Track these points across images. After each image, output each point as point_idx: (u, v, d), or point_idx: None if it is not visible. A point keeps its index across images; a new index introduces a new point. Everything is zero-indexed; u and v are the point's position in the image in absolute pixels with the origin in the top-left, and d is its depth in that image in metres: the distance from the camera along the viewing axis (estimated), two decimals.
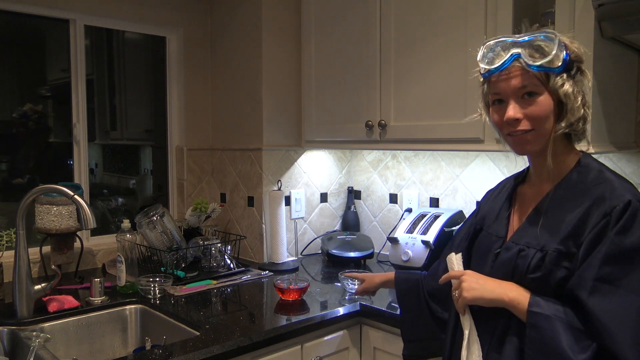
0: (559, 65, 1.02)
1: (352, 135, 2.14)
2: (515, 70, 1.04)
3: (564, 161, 1.09)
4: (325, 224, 2.58)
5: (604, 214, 0.98)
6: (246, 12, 2.35)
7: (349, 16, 2.12)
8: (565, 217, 1.03)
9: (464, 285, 1.08)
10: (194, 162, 2.57)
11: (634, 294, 0.93)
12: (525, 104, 1.04)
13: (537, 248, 1.04)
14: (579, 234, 1.00)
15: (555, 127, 1.05)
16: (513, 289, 1.04)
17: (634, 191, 1.01)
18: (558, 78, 1.02)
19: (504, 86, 1.06)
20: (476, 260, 1.18)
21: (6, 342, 1.58)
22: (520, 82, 1.04)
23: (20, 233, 1.62)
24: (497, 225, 1.18)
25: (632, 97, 1.72)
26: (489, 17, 1.67)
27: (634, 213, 0.96)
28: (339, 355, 1.75)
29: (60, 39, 2.22)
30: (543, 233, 1.05)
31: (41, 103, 2.31)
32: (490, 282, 1.08)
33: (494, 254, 1.12)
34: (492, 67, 1.06)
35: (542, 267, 1.02)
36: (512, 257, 1.07)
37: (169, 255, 2.06)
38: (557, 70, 1.02)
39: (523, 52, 1.03)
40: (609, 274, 0.94)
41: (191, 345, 1.41)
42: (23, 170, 2.28)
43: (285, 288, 1.79)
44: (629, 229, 0.96)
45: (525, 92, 1.04)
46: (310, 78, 2.31)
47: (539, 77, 1.03)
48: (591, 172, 1.06)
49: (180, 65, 2.52)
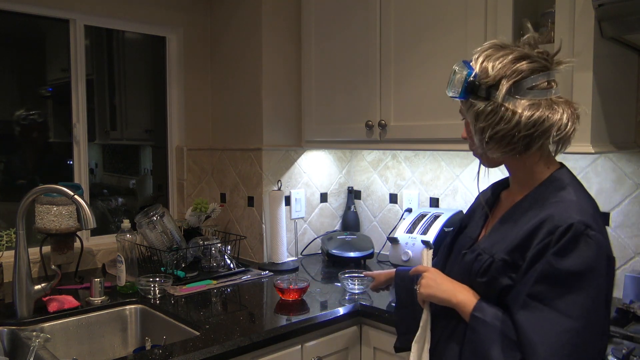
0: (459, 94, 1.09)
1: (352, 135, 2.14)
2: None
3: (535, 174, 1.11)
4: (325, 224, 2.58)
5: (548, 232, 0.99)
6: (246, 12, 2.35)
7: (349, 16, 2.12)
8: (517, 229, 1.06)
9: (422, 282, 1.18)
10: (194, 162, 2.57)
11: (561, 316, 0.95)
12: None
13: (489, 254, 1.09)
14: (526, 248, 1.02)
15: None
16: (464, 292, 1.11)
17: (586, 213, 1.00)
18: (463, 105, 1.13)
19: None
20: (453, 257, 1.24)
21: (6, 342, 1.58)
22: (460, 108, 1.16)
23: (20, 233, 1.62)
24: (473, 227, 1.24)
25: (632, 97, 1.72)
26: (489, 17, 1.67)
27: (576, 236, 0.96)
28: (339, 355, 1.75)
29: (60, 39, 2.22)
30: (497, 241, 1.09)
31: (41, 103, 2.31)
32: (446, 282, 1.15)
33: (462, 253, 1.18)
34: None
35: (488, 273, 1.07)
36: (472, 259, 1.13)
37: (169, 255, 2.06)
38: (461, 98, 1.10)
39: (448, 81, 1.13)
40: (540, 292, 0.97)
41: (191, 345, 1.41)
42: (22, 171, 2.28)
43: (285, 288, 1.79)
44: (566, 252, 0.96)
45: (462, 117, 1.16)
46: (310, 78, 2.31)
47: (461, 105, 1.14)
48: (553, 189, 1.07)
49: (180, 65, 2.52)
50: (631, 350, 1.31)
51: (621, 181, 1.77)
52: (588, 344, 0.95)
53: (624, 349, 1.31)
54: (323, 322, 1.67)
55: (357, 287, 1.87)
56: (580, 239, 0.96)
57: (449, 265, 1.24)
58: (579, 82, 1.46)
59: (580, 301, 0.95)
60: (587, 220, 0.98)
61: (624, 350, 1.30)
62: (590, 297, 0.95)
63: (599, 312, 0.97)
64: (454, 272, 1.18)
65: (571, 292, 0.95)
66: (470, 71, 1.08)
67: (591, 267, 0.96)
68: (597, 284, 0.96)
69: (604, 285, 0.98)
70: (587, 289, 0.95)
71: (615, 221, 1.78)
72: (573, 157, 1.86)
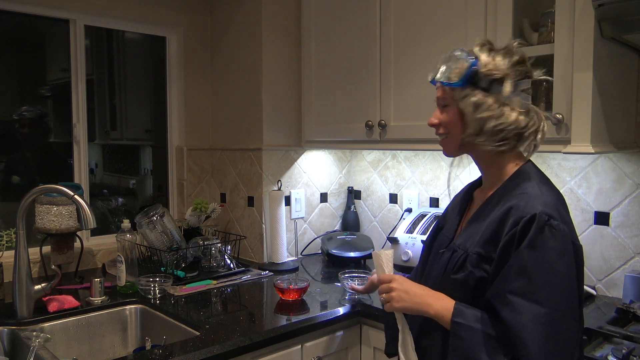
0: (458, 81, 1.12)
1: (352, 135, 2.14)
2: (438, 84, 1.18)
3: (503, 169, 1.16)
4: (325, 224, 2.58)
5: (513, 222, 1.04)
6: (246, 12, 2.35)
7: (349, 16, 2.12)
8: (487, 222, 1.10)
9: (394, 295, 1.16)
10: (194, 162, 2.57)
11: (542, 308, 0.98)
12: (441, 112, 1.19)
13: (464, 250, 1.12)
14: (497, 240, 1.06)
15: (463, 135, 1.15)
16: (438, 299, 1.11)
17: (548, 204, 1.04)
18: (459, 92, 1.13)
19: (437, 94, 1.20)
20: (432, 257, 1.26)
21: (6, 342, 1.58)
22: (440, 94, 1.18)
23: (20, 233, 1.62)
24: (450, 227, 1.26)
25: (632, 97, 1.72)
26: (489, 17, 1.67)
27: (540, 227, 1.01)
28: (339, 355, 1.75)
29: (60, 39, 2.22)
30: (470, 236, 1.13)
31: (41, 103, 2.31)
32: (418, 293, 1.15)
33: (440, 252, 1.20)
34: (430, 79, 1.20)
35: (464, 268, 1.10)
36: (448, 257, 1.16)
37: (169, 255, 2.06)
38: (458, 85, 1.12)
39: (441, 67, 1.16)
40: (520, 287, 1.00)
41: (191, 345, 1.41)
42: (22, 170, 2.28)
43: (285, 288, 1.79)
44: (535, 243, 1.00)
45: (442, 103, 1.18)
46: (310, 78, 2.31)
47: (446, 91, 1.16)
48: (518, 182, 1.12)
49: (180, 65, 2.52)
50: (631, 350, 1.31)
51: (621, 181, 1.77)
52: (569, 329, 1.00)
53: (624, 349, 1.31)
54: (323, 322, 1.67)
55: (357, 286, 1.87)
56: (545, 229, 1.01)
57: (428, 265, 1.25)
58: (579, 82, 1.46)
59: (558, 290, 1.00)
60: (549, 210, 1.03)
61: (624, 350, 1.30)
62: (565, 285, 1.01)
63: (574, 298, 1.02)
64: (433, 273, 1.20)
65: (548, 283, 1.00)
66: (475, 60, 1.11)
67: (561, 255, 1.01)
68: (569, 271, 1.01)
69: (574, 271, 1.03)
70: (561, 277, 1.00)
71: (615, 221, 1.78)
72: (573, 157, 1.86)
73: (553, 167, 1.91)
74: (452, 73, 1.13)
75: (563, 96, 1.50)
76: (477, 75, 1.11)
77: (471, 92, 1.12)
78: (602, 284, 1.82)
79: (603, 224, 1.81)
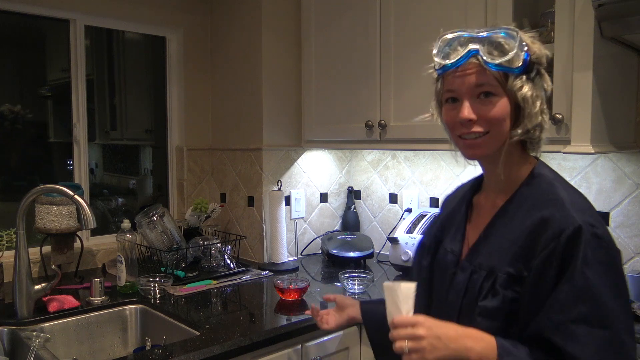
0: (519, 66, 0.94)
1: (352, 135, 2.14)
2: (472, 67, 0.95)
3: (517, 172, 1.02)
4: (325, 224, 2.58)
5: (552, 236, 0.90)
6: (246, 12, 2.35)
7: (349, 16, 2.12)
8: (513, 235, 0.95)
9: (424, 345, 0.89)
10: (194, 162, 2.57)
11: (610, 329, 0.86)
12: (481, 104, 0.96)
13: (487, 270, 0.96)
14: (529, 256, 0.92)
15: (510, 133, 0.97)
16: (478, 341, 0.91)
17: (585, 211, 0.93)
18: (517, 80, 0.95)
19: (459, 83, 0.97)
20: (438, 279, 1.08)
21: (6, 342, 1.58)
22: (477, 80, 0.95)
23: (20, 233, 1.62)
24: (453, 240, 1.08)
25: (632, 97, 1.72)
26: (488, 17, 1.67)
27: (588, 240, 0.88)
28: (339, 355, 1.74)
29: (60, 39, 2.22)
30: (493, 253, 0.97)
31: (41, 103, 2.30)
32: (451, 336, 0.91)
33: (450, 274, 1.03)
34: (447, 62, 0.98)
35: (494, 292, 0.94)
36: (465, 279, 0.99)
37: (169, 255, 2.06)
38: (517, 71, 0.94)
39: (481, 48, 0.94)
40: (584, 313, 0.86)
41: (191, 345, 1.41)
42: (22, 170, 2.28)
43: (285, 288, 1.79)
44: (588, 260, 0.87)
45: (481, 91, 0.95)
46: (310, 78, 2.31)
47: (497, 77, 0.94)
48: (542, 186, 0.98)
49: (180, 65, 2.52)
50: None
51: (621, 181, 1.77)
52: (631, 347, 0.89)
53: None
54: None
55: (357, 287, 1.87)
56: (594, 242, 0.88)
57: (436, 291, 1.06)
58: (579, 82, 1.46)
59: (620, 306, 0.88)
60: (590, 219, 0.91)
61: None
62: (625, 298, 0.90)
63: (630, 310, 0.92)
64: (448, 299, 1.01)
65: (611, 300, 0.87)
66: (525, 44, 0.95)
67: (615, 266, 0.90)
68: (624, 282, 0.91)
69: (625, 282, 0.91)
70: (620, 291, 0.89)
71: (615, 221, 1.78)
72: (573, 157, 1.86)
73: (553, 167, 1.90)
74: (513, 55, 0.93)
75: (563, 96, 1.50)
76: (530, 62, 0.95)
77: (525, 81, 0.95)
78: None
79: None
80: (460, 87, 0.97)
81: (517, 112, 0.96)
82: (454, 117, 0.99)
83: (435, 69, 1.03)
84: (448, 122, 1.02)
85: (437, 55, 1.01)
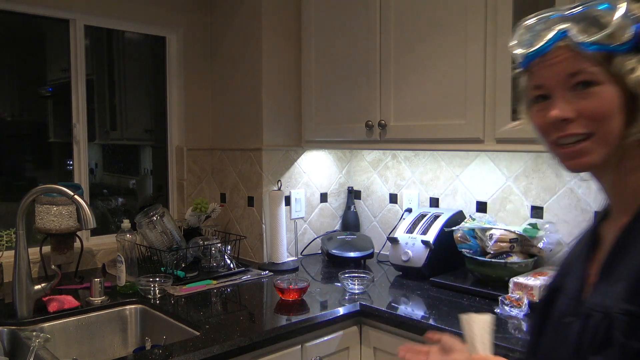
0: (627, 41, 0.70)
1: (352, 135, 2.14)
2: (562, 52, 0.74)
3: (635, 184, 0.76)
4: (325, 224, 2.58)
5: None
6: (246, 12, 2.35)
7: (349, 16, 2.12)
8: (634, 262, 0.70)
9: None
10: (194, 162, 2.57)
11: None
12: (579, 98, 0.73)
13: (603, 310, 0.70)
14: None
15: (624, 132, 0.72)
16: None
17: None
18: (626, 61, 0.71)
19: (547, 74, 0.75)
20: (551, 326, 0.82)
21: (6, 342, 1.58)
22: (569, 68, 0.73)
23: (20, 233, 1.62)
24: (573, 282, 0.81)
25: None
26: (489, 17, 1.67)
27: None
28: (339, 355, 1.75)
29: (60, 39, 2.22)
30: (609, 289, 0.72)
31: (41, 103, 2.31)
32: None
33: (564, 322, 0.77)
34: (530, 50, 0.77)
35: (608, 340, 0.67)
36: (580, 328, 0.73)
37: (169, 255, 2.06)
38: (624, 49, 0.70)
39: (573, 27, 0.73)
40: None
41: (191, 345, 1.41)
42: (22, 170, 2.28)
43: (285, 288, 1.79)
44: None
45: (577, 81, 0.73)
46: (310, 78, 2.31)
47: (597, 60, 0.71)
48: None
49: (180, 65, 2.52)
50: None
51: None
52: None
53: None
54: (323, 322, 1.67)
55: (357, 287, 1.87)
56: None
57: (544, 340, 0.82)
58: None
59: None
60: None
61: None
62: None
63: None
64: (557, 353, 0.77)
65: None
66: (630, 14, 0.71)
67: None
68: None
69: None
70: None
71: None
72: None
73: (553, 167, 1.91)
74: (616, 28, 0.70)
75: None
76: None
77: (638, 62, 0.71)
78: None
79: None
80: (549, 79, 0.75)
81: (632, 104, 0.72)
82: (545, 119, 0.76)
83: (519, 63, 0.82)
84: (539, 126, 0.79)
85: (519, 45, 0.81)
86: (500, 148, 1.68)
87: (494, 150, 1.72)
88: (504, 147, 1.67)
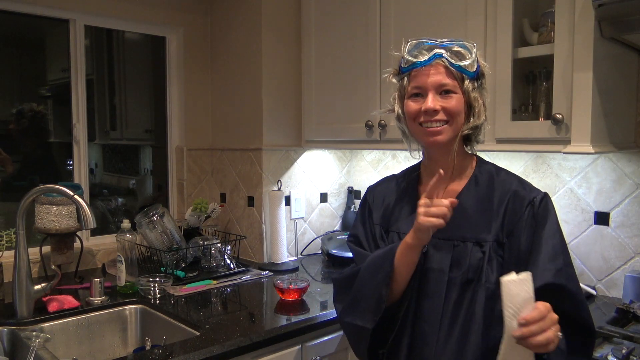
0: (473, 71, 1.15)
1: (352, 135, 2.14)
2: (437, 67, 1.14)
3: (465, 161, 1.23)
4: (325, 224, 2.58)
5: (528, 205, 1.14)
6: (246, 12, 2.35)
7: (349, 16, 2.12)
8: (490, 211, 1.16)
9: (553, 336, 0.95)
10: (194, 162, 2.57)
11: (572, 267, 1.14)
12: (443, 99, 1.15)
13: (473, 241, 1.15)
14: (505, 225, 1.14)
15: (464, 126, 1.17)
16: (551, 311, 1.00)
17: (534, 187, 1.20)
18: (470, 83, 1.15)
19: (425, 80, 1.15)
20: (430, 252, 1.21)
21: (6, 342, 1.58)
22: (442, 80, 1.14)
23: (20, 233, 1.62)
24: (405, 225, 1.24)
25: (632, 97, 1.72)
26: (489, 17, 1.67)
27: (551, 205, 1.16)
28: (339, 355, 1.75)
29: (60, 39, 2.22)
30: (472, 227, 1.16)
31: (41, 103, 2.30)
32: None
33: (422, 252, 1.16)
34: (417, 60, 1.15)
35: (483, 259, 1.12)
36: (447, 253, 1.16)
37: (169, 255, 2.06)
38: (471, 75, 1.15)
39: (445, 53, 1.14)
40: (567, 260, 1.11)
41: (191, 345, 1.41)
42: (22, 170, 2.28)
43: (285, 288, 1.79)
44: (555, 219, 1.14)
45: (444, 89, 1.14)
46: (310, 78, 2.31)
47: (456, 78, 1.14)
48: (492, 171, 1.22)
49: (180, 65, 2.52)
50: (631, 350, 1.31)
51: (621, 181, 1.77)
52: None
53: (624, 349, 1.31)
54: (323, 322, 1.67)
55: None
56: (552, 206, 1.16)
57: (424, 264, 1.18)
58: (579, 82, 1.46)
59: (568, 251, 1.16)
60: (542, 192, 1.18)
61: (624, 350, 1.30)
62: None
63: None
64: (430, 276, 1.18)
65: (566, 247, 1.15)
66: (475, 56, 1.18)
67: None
68: None
69: None
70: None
71: (615, 221, 1.78)
72: (573, 157, 1.86)
73: (553, 167, 1.91)
74: (471, 62, 1.15)
75: (563, 96, 1.50)
76: (480, 71, 1.18)
77: (475, 86, 1.16)
78: (602, 284, 1.82)
79: (603, 224, 1.81)
80: (426, 83, 1.15)
81: (468, 110, 1.17)
82: (419, 108, 1.16)
83: (400, 67, 1.21)
84: (411, 112, 1.18)
85: (409, 54, 1.18)
86: (500, 148, 1.68)
87: (494, 150, 1.72)
88: (503, 147, 1.67)
